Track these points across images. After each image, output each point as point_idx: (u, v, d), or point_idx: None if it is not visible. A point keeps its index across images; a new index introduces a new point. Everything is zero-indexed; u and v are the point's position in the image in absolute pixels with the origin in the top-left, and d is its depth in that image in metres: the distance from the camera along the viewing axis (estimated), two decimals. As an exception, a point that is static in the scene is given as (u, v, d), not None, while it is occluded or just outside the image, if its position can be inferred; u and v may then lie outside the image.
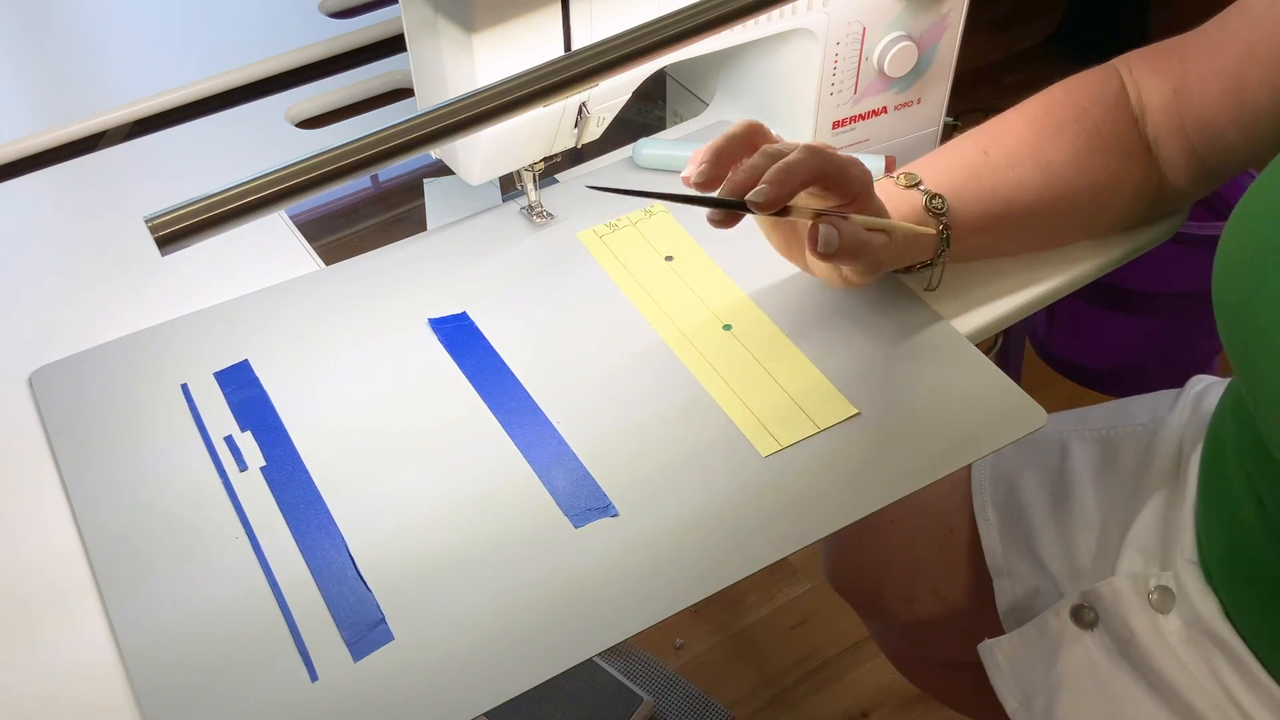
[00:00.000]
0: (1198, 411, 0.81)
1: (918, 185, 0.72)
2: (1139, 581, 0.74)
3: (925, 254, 0.72)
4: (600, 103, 0.75)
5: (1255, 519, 0.67)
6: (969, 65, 1.09)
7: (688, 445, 0.67)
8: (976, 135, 0.75)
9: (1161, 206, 0.78)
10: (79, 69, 0.97)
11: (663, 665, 1.41)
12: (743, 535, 0.63)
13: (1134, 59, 0.76)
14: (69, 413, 0.70)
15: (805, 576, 1.53)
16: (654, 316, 0.75)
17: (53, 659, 0.59)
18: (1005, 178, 0.73)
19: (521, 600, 0.60)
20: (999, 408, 0.69)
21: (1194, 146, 0.73)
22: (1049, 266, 0.78)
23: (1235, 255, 0.62)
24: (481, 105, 0.59)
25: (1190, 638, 0.71)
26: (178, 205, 0.55)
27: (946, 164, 0.74)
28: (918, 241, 0.71)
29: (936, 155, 0.75)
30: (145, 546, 0.63)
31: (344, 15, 1.02)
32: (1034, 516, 0.84)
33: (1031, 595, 0.83)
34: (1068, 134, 0.73)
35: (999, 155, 0.73)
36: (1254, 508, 0.67)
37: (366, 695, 0.57)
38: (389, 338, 0.74)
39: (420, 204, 0.86)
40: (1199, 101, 0.71)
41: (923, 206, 0.71)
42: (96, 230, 0.84)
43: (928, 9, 0.79)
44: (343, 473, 0.66)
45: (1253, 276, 0.61)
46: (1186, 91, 0.72)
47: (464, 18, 0.65)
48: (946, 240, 0.72)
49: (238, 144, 0.91)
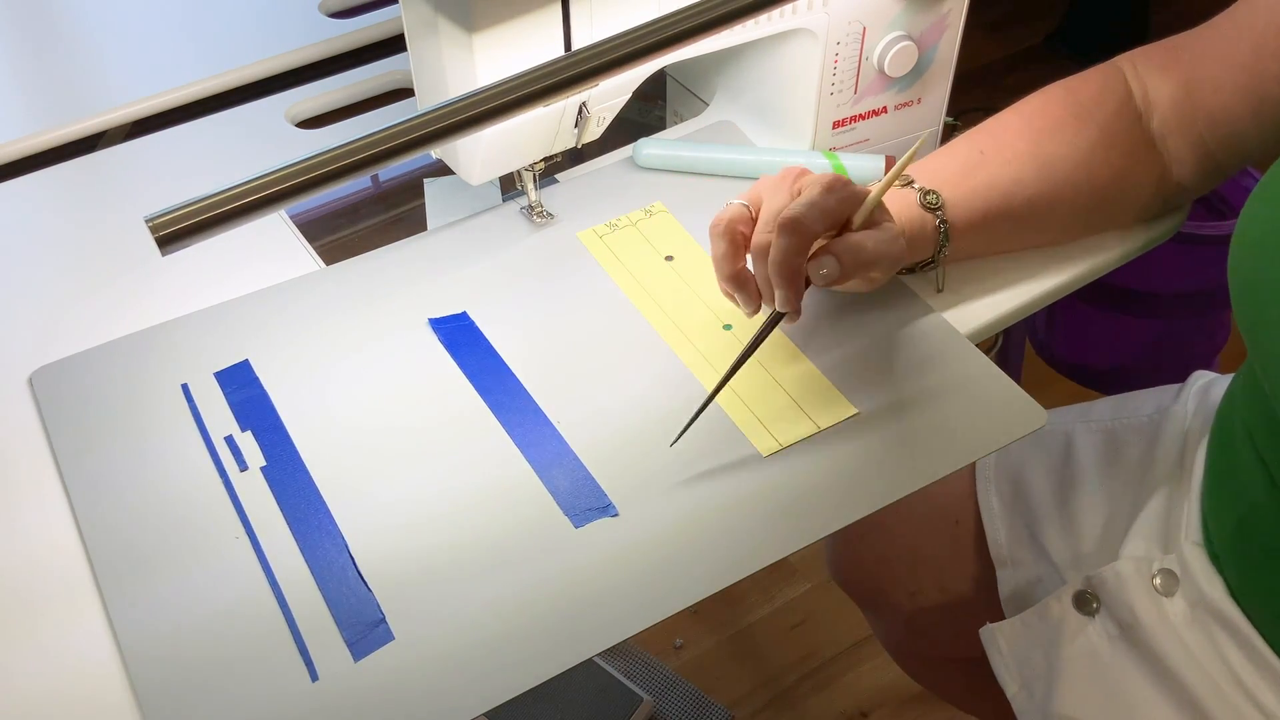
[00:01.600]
0: (1202, 404, 0.82)
1: (910, 184, 0.72)
2: (1142, 565, 0.74)
3: (926, 252, 0.72)
4: (600, 103, 0.75)
5: (1266, 497, 0.67)
6: (969, 65, 1.09)
7: (688, 445, 0.67)
8: (973, 135, 0.75)
9: (1166, 202, 0.78)
10: (79, 69, 0.97)
11: (663, 665, 1.41)
12: (743, 535, 0.63)
13: (1138, 57, 0.76)
14: (69, 413, 0.70)
15: (805, 576, 1.53)
16: (654, 316, 0.75)
17: (53, 658, 0.59)
18: (1003, 174, 0.73)
19: (521, 600, 0.60)
20: (999, 408, 0.69)
21: (1205, 141, 0.73)
22: (1049, 266, 0.78)
23: (1249, 235, 0.63)
24: (481, 105, 0.59)
25: (1195, 619, 0.72)
26: (178, 205, 0.55)
27: (941, 164, 0.74)
28: (918, 242, 0.71)
29: (931, 157, 0.75)
30: (145, 546, 0.63)
31: (344, 15, 1.02)
32: (1038, 508, 0.84)
33: (1034, 583, 0.84)
34: (1068, 130, 0.73)
35: (995, 153, 0.73)
36: (1265, 486, 0.67)
37: (366, 695, 0.57)
38: (389, 338, 0.74)
39: (420, 204, 0.86)
40: (1212, 97, 0.71)
41: (917, 204, 0.71)
42: (96, 230, 0.84)
43: (928, 9, 0.79)
44: (343, 473, 0.66)
45: (1264, 257, 0.61)
46: (1198, 87, 0.72)
47: (464, 18, 0.65)
48: (945, 235, 0.72)
49: (238, 144, 0.91)
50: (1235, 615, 0.70)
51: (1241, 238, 0.64)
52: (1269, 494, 0.67)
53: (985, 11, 2.30)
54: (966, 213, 0.72)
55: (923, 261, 0.74)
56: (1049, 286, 0.77)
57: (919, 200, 0.71)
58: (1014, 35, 2.30)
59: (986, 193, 0.72)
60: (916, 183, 0.72)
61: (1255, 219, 0.63)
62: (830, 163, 0.82)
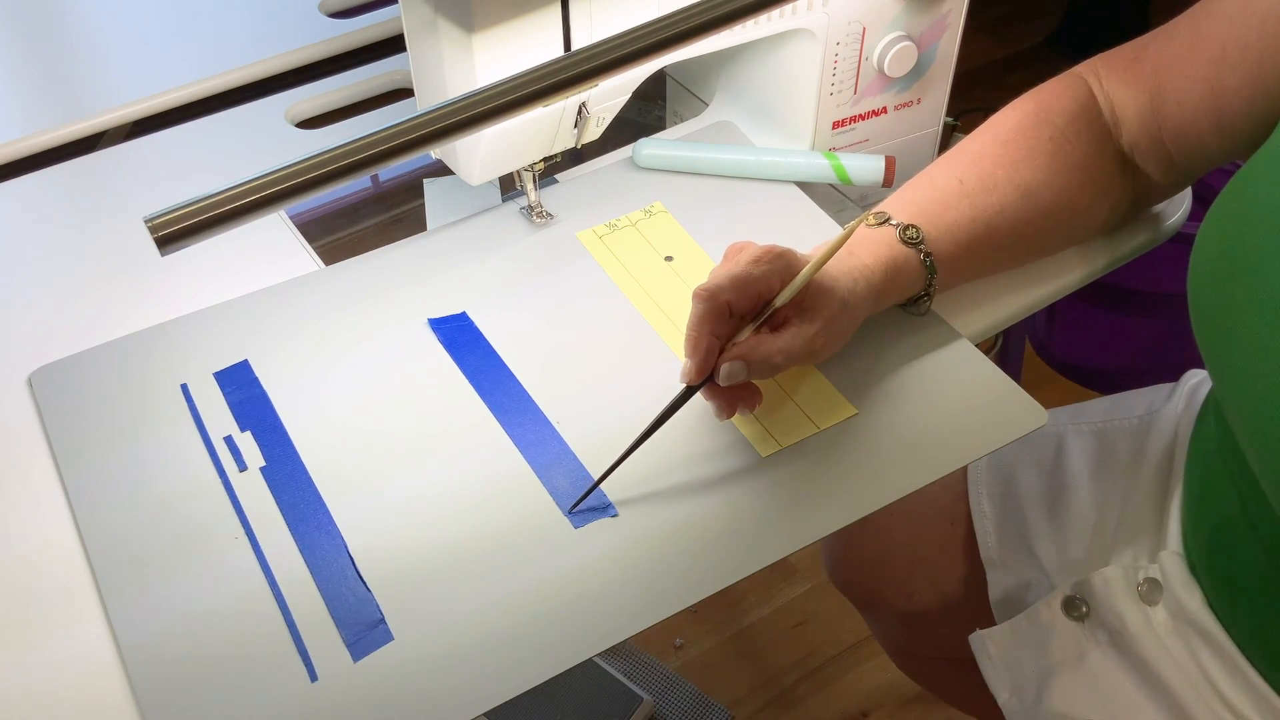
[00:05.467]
0: (1191, 404, 0.82)
1: (888, 222, 0.70)
2: (1129, 573, 0.74)
3: (913, 287, 0.71)
4: (600, 103, 0.75)
5: (1237, 512, 0.68)
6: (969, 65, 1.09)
7: (687, 446, 0.67)
8: (949, 161, 0.73)
9: (1138, 208, 0.79)
10: (78, 69, 0.97)
11: (663, 665, 1.41)
12: (743, 535, 0.63)
13: (1101, 69, 0.74)
14: (69, 413, 0.70)
15: (805, 576, 1.53)
16: (654, 316, 0.75)
17: (53, 658, 0.59)
18: (985, 204, 0.71)
19: (521, 600, 0.60)
20: (999, 408, 0.69)
21: (1170, 154, 0.72)
22: (1048, 267, 0.78)
23: (1205, 257, 0.63)
24: (481, 105, 0.59)
25: (1176, 629, 0.72)
26: (177, 205, 0.55)
27: (918, 196, 0.72)
28: (903, 279, 0.70)
29: (907, 189, 0.73)
30: (145, 546, 0.63)
31: (344, 15, 1.02)
32: (1029, 510, 0.84)
33: (1024, 587, 0.84)
34: (1043, 153, 0.72)
35: (975, 182, 0.71)
36: (1235, 502, 0.68)
37: (366, 695, 0.57)
38: (389, 338, 0.74)
39: (420, 204, 0.86)
40: (1175, 111, 0.70)
41: (897, 240, 0.69)
42: (96, 230, 0.84)
43: (928, 9, 0.79)
44: (343, 473, 0.66)
45: (1220, 278, 0.61)
46: (1162, 102, 0.71)
47: (464, 18, 0.65)
48: (932, 269, 0.70)
49: (238, 144, 0.91)
50: (1212, 626, 0.70)
51: (1196, 263, 0.63)
52: (1239, 509, 0.67)
53: (985, 11, 2.30)
54: (951, 245, 0.71)
55: (914, 296, 0.72)
56: (1049, 287, 0.77)
57: (899, 236, 0.69)
58: (1014, 35, 2.30)
59: (970, 226, 0.71)
60: (894, 219, 0.70)
61: (1208, 243, 0.63)
62: (830, 163, 0.82)
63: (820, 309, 0.66)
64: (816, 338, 0.65)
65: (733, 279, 0.64)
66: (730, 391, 0.66)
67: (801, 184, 0.83)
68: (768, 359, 0.64)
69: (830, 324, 0.66)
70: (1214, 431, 0.71)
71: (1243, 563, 0.68)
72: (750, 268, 0.64)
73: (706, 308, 0.63)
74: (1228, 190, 0.63)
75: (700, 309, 0.64)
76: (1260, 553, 0.66)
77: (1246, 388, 0.59)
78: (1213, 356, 0.63)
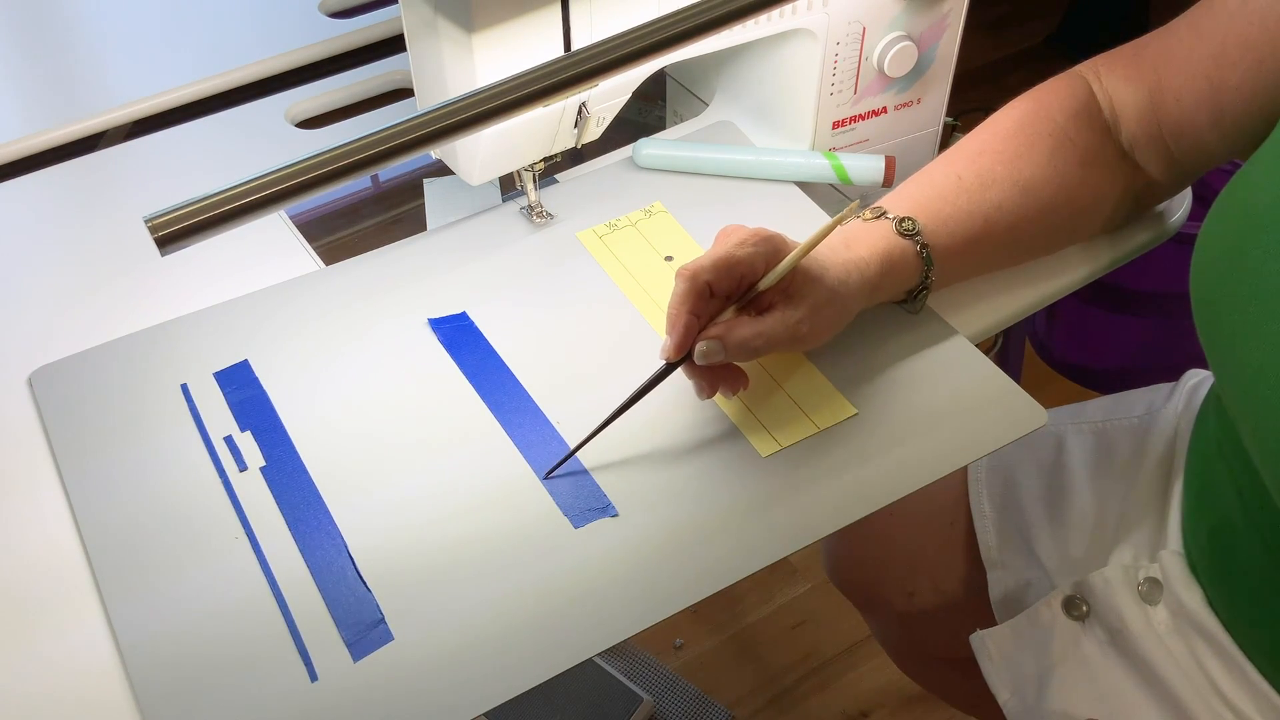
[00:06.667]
0: (1191, 404, 0.82)
1: (884, 215, 0.70)
2: (1129, 572, 0.74)
3: (912, 280, 0.71)
4: (600, 103, 0.75)
5: (1237, 512, 0.68)
6: (969, 65, 1.09)
7: (687, 446, 0.67)
8: (948, 158, 0.73)
9: (1139, 207, 0.79)
10: (78, 69, 0.97)
11: (663, 665, 1.41)
12: (743, 535, 0.63)
13: (1101, 67, 0.75)
14: (69, 413, 0.70)
15: (805, 576, 1.53)
16: (654, 317, 0.75)
17: (53, 658, 0.59)
18: (983, 199, 0.71)
19: (521, 600, 0.60)
20: (999, 408, 0.69)
21: (1170, 151, 0.72)
22: (1048, 267, 0.78)
23: (1207, 255, 0.63)
24: (481, 105, 0.59)
25: (1176, 628, 0.72)
26: (178, 205, 0.54)
27: (916, 191, 0.72)
28: (900, 271, 0.70)
29: (905, 185, 0.73)
30: (145, 546, 0.63)
31: (344, 15, 1.02)
32: (1029, 510, 0.84)
33: (1024, 587, 0.84)
34: (1042, 149, 0.72)
35: (973, 178, 0.72)
36: (1235, 501, 0.68)
37: (366, 695, 0.57)
38: (389, 338, 0.74)
39: (420, 204, 0.86)
40: (1175, 108, 0.70)
41: (893, 233, 0.69)
42: (96, 230, 0.84)
43: (928, 9, 0.79)
44: (342, 473, 0.66)
45: (1222, 276, 0.61)
46: (1162, 98, 0.71)
47: (464, 18, 0.65)
48: (929, 260, 0.70)
49: (238, 144, 0.91)
50: (1213, 625, 0.70)
51: (1198, 259, 0.63)
52: (1239, 508, 0.67)
53: (985, 11, 2.30)
54: (948, 239, 0.71)
55: (913, 289, 0.72)
56: (1049, 287, 0.77)
57: (895, 229, 0.69)
58: (1014, 35, 2.30)
59: (968, 220, 0.71)
60: (890, 212, 0.70)
61: (1209, 239, 0.63)
62: (830, 163, 0.82)
63: (806, 296, 0.66)
64: (800, 324, 0.65)
65: (715, 260, 0.64)
66: (710, 372, 0.66)
67: (801, 184, 0.83)
68: (745, 341, 0.64)
69: (816, 312, 0.66)
70: (1214, 431, 0.71)
71: (1243, 562, 0.68)
72: (735, 250, 0.65)
73: (687, 287, 0.64)
74: (1229, 187, 0.63)
75: (681, 288, 0.64)
76: (1260, 552, 0.66)
77: (1251, 385, 0.59)
78: (1216, 353, 0.63)
